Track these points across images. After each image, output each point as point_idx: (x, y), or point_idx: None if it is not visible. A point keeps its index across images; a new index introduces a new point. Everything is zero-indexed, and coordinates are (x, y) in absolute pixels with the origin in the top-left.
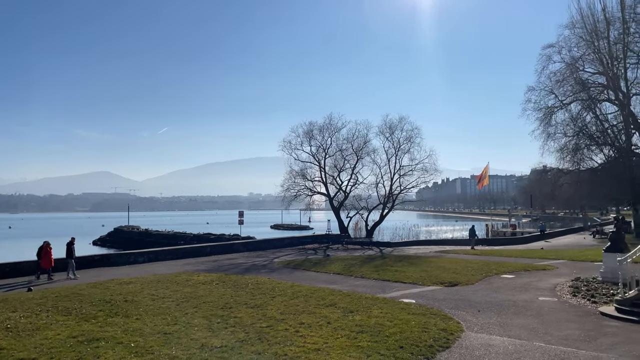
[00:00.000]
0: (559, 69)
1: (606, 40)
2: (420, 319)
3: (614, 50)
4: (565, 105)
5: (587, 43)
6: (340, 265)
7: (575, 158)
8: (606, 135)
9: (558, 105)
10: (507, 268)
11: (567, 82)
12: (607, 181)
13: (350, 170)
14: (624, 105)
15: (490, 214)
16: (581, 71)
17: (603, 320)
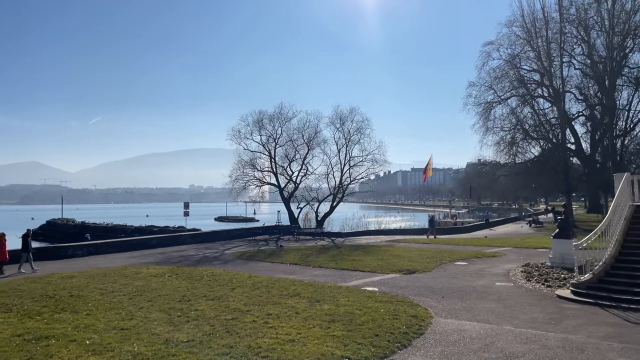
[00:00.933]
0: (498, 66)
1: (542, 38)
2: (388, 307)
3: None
4: (503, 101)
5: (524, 41)
6: (296, 256)
7: (512, 151)
8: (541, 129)
9: (497, 101)
10: (459, 255)
11: (506, 78)
12: (542, 173)
13: (301, 160)
14: (558, 101)
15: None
16: (518, 68)
17: (562, 303)
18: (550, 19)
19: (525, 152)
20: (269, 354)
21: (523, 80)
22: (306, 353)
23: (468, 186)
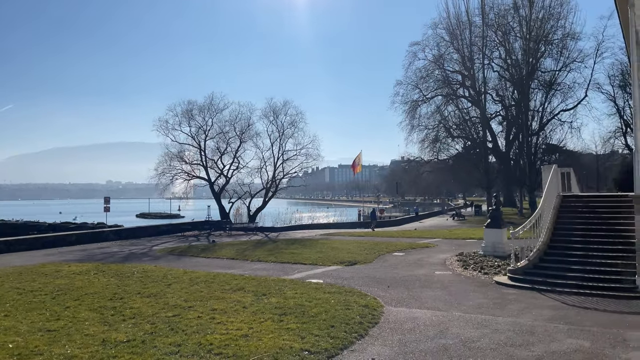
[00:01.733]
0: (424, 66)
1: (465, 41)
2: (338, 297)
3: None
4: (428, 100)
5: (447, 43)
6: (232, 250)
7: (435, 148)
8: (463, 128)
9: (422, 99)
10: (396, 247)
11: (431, 78)
12: (463, 169)
13: (233, 153)
14: (478, 102)
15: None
16: (443, 69)
17: (501, 288)
18: (473, 23)
19: (448, 149)
20: (223, 350)
21: (447, 80)
22: (263, 348)
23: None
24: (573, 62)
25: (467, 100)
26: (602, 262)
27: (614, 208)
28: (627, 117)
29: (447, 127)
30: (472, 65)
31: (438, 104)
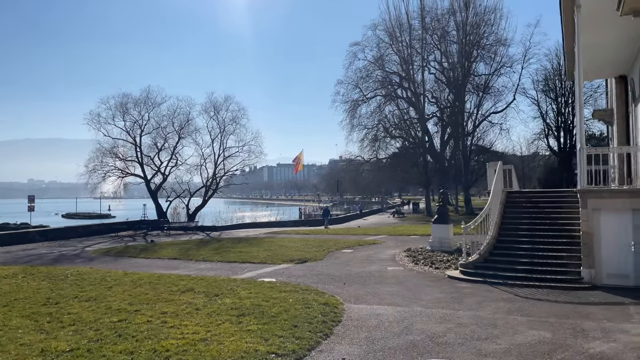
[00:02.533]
0: (364, 66)
1: (403, 43)
2: (296, 296)
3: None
4: (368, 99)
5: (386, 44)
6: (174, 250)
7: (375, 147)
8: (402, 127)
9: (362, 99)
10: (343, 244)
11: (370, 78)
12: (402, 168)
13: (171, 150)
14: (415, 103)
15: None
16: (382, 69)
17: (455, 283)
18: (412, 26)
19: (387, 148)
20: (182, 357)
21: (386, 81)
22: (226, 352)
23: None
24: (503, 67)
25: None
26: (549, 255)
27: (555, 203)
28: (549, 121)
29: (386, 126)
30: (411, 67)
31: (378, 104)
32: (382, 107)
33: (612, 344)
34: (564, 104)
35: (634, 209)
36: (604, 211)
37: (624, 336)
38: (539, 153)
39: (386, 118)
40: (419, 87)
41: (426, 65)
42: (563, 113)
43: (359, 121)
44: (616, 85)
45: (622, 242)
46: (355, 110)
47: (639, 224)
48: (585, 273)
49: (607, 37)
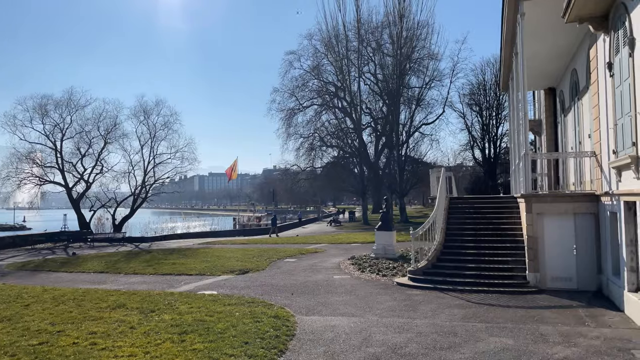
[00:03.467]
0: (300, 75)
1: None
2: (242, 309)
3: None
4: (305, 108)
5: (322, 54)
6: (101, 263)
7: (311, 156)
8: (338, 137)
9: (298, 108)
10: (285, 253)
11: (306, 87)
12: (338, 177)
13: (96, 156)
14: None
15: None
16: (318, 79)
17: (405, 290)
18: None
19: (322, 157)
20: None
21: (323, 90)
22: None
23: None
24: (433, 80)
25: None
26: (494, 260)
27: (496, 209)
28: (474, 133)
29: (322, 136)
30: (347, 77)
31: (314, 113)
32: (318, 117)
33: (574, 348)
34: (488, 117)
35: (575, 213)
36: (548, 215)
37: (583, 340)
38: (462, 164)
39: (322, 127)
40: (355, 98)
41: (361, 76)
42: (487, 126)
43: (295, 130)
44: (545, 97)
45: (565, 245)
46: (291, 119)
47: (580, 228)
48: (531, 277)
49: (542, 50)
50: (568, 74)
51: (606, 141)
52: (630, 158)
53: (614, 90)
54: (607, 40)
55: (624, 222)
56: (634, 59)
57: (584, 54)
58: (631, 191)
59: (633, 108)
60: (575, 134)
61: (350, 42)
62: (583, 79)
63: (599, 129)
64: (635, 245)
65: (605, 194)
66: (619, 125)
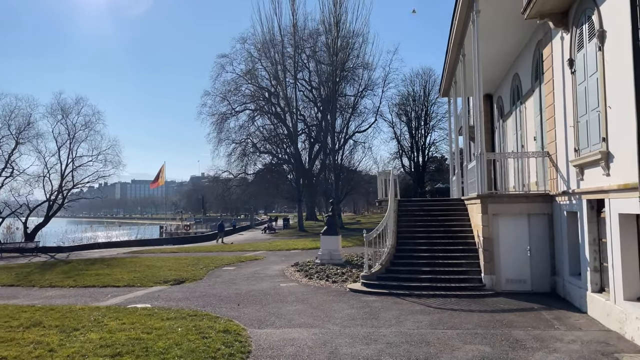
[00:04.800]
0: (233, 79)
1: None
2: (185, 324)
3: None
4: (237, 113)
5: (255, 59)
6: (10, 275)
7: (243, 162)
8: (272, 143)
9: (231, 112)
10: (222, 261)
11: (239, 92)
12: (271, 184)
13: (5, 157)
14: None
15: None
16: (251, 84)
17: (360, 296)
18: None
19: (256, 164)
20: None
21: (256, 95)
22: None
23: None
24: (365, 89)
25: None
26: (449, 262)
27: (446, 211)
28: (403, 143)
29: (256, 141)
30: (282, 83)
31: (247, 118)
32: (251, 122)
33: (556, 354)
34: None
35: (530, 214)
36: (503, 216)
37: (561, 345)
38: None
39: (256, 133)
40: (291, 103)
41: (296, 82)
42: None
43: (227, 135)
44: (483, 103)
45: (520, 247)
46: (223, 124)
47: (534, 229)
48: (487, 279)
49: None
50: (509, 79)
51: (563, 140)
52: (600, 154)
53: (575, 88)
54: (568, 37)
55: (587, 221)
56: (604, 52)
57: (529, 57)
58: (600, 188)
59: (602, 103)
60: (517, 138)
61: (285, 47)
62: (527, 82)
63: (554, 129)
64: (598, 244)
65: (563, 194)
66: (581, 123)
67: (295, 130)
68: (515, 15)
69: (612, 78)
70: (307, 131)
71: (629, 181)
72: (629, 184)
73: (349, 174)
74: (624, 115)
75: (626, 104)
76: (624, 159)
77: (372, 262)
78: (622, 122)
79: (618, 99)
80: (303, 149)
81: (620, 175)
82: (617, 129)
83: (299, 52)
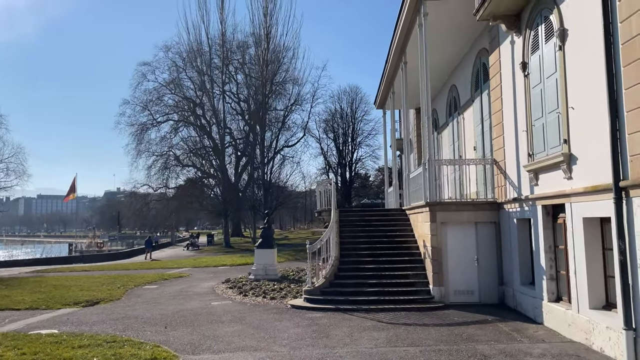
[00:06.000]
0: (154, 88)
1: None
2: (102, 352)
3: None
4: (159, 124)
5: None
6: None
7: (164, 176)
8: (198, 155)
9: (152, 123)
10: (143, 279)
11: (162, 102)
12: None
13: None
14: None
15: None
16: (175, 94)
17: (305, 313)
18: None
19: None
20: None
21: (180, 106)
22: None
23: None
24: (295, 104)
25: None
26: (395, 274)
27: (387, 221)
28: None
29: (178, 154)
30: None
31: (170, 130)
32: (174, 133)
33: None
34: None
35: (477, 222)
36: (451, 225)
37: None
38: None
39: (179, 144)
40: (218, 115)
41: (223, 94)
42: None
43: (148, 147)
44: (416, 116)
45: (468, 257)
46: (143, 135)
47: (482, 238)
48: (435, 291)
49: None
50: (445, 92)
51: (513, 146)
52: (562, 156)
53: (528, 91)
54: (520, 40)
55: (542, 227)
56: (564, 52)
57: (469, 67)
58: (561, 192)
59: (563, 104)
60: (454, 149)
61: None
62: (466, 93)
63: (502, 135)
64: (554, 252)
65: (514, 200)
66: (536, 127)
67: (223, 143)
68: (458, 23)
69: (575, 77)
70: (234, 144)
71: (597, 183)
72: (599, 185)
73: (277, 190)
74: (589, 115)
75: (592, 103)
76: (589, 161)
77: (315, 276)
78: (587, 122)
79: (582, 98)
80: (229, 163)
81: (585, 178)
82: (581, 130)
83: (226, 63)
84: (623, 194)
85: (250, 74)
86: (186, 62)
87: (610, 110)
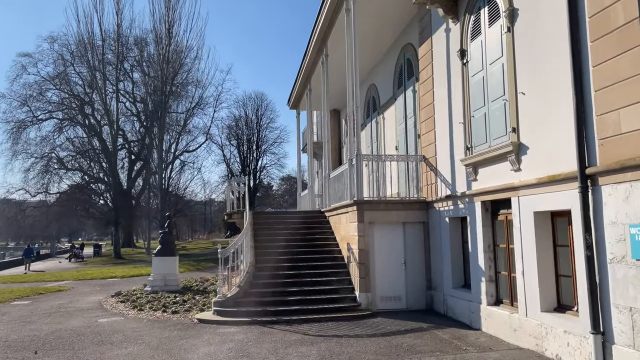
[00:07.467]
0: (36, 82)
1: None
2: None
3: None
4: (39, 122)
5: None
6: None
7: (45, 181)
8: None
9: (32, 121)
10: (11, 294)
11: (44, 97)
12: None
13: None
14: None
15: None
16: (60, 90)
17: (216, 328)
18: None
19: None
20: None
21: (65, 104)
22: None
23: None
24: (196, 107)
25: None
26: (317, 281)
27: (307, 223)
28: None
29: (62, 156)
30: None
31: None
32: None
33: None
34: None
35: (405, 222)
36: (378, 226)
37: None
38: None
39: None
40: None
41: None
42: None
43: (26, 147)
44: (331, 119)
45: (395, 260)
46: (20, 133)
47: (410, 239)
48: (362, 298)
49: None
50: (362, 92)
51: (447, 140)
52: (511, 145)
53: (467, 80)
54: (457, 27)
55: (481, 225)
56: (514, 33)
57: (391, 65)
58: (509, 185)
59: (511, 90)
60: (373, 149)
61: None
62: (387, 92)
63: (433, 130)
64: (494, 251)
65: (447, 198)
66: (476, 117)
67: (115, 145)
68: (386, 15)
69: (526, 60)
70: (127, 147)
71: (554, 172)
72: (557, 175)
73: (174, 199)
74: (543, 100)
75: (549, 86)
76: (542, 150)
77: (226, 285)
78: (541, 108)
79: (534, 82)
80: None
81: (537, 168)
82: (533, 117)
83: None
84: (589, 183)
85: (148, 73)
86: (75, 56)
87: (576, 91)
